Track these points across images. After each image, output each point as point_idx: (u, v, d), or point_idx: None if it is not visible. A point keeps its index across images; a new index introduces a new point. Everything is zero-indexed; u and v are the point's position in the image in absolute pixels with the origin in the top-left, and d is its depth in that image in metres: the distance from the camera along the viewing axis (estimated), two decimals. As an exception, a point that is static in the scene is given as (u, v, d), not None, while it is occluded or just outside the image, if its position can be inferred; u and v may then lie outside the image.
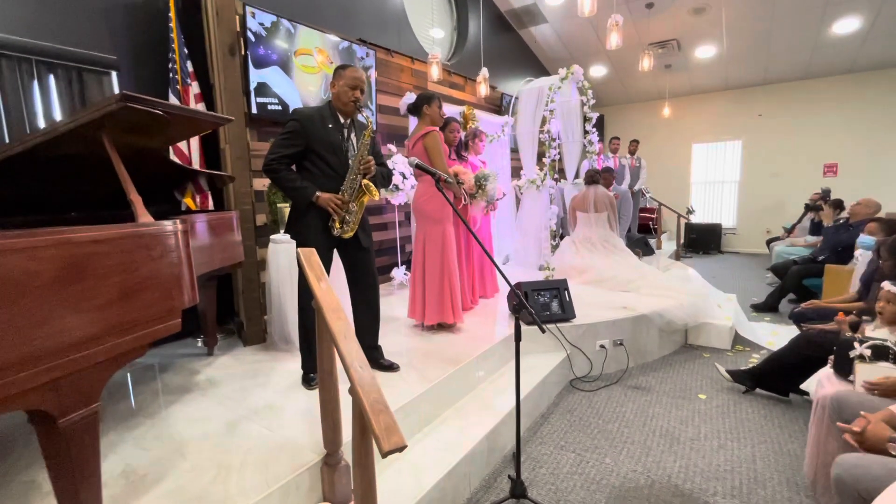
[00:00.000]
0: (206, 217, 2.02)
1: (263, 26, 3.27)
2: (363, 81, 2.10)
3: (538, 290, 3.13)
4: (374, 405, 1.15)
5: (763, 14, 6.10)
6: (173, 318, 1.32)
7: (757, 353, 3.41)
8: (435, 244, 2.87)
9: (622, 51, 6.94)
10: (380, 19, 4.67)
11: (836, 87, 7.44)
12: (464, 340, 2.80)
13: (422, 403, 2.08)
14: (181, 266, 1.35)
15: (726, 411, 2.57)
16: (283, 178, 2.04)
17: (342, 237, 2.11)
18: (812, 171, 7.79)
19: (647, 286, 3.80)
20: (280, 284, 2.78)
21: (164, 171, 2.14)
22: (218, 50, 2.60)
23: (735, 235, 8.58)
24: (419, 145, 2.77)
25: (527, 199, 4.40)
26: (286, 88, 3.47)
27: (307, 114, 2.07)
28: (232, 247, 2.34)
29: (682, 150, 8.95)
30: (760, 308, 4.47)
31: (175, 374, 2.46)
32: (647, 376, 3.09)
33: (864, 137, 7.35)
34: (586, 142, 5.04)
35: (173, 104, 1.41)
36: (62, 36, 2.47)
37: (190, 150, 2.82)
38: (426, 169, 1.95)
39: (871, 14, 5.85)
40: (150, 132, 1.57)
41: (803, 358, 2.48)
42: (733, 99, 8.31)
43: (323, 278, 1.51)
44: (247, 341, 2.85)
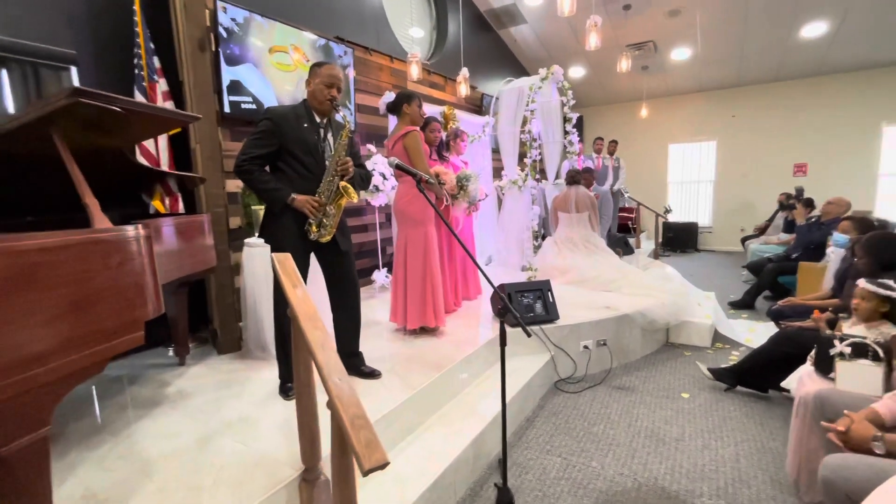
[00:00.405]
0: (173, 221, 1.92)
1: (236, 22, 3.15)
2: (340, 79, 2.02)
3: (521, 292, 3.10)
4: (354, 420, 1.08)
5: (736, 17, 6.24)
6: (135, 331, 1.23)
7: (736, 350, 3.46)
8: (417, 246, 2.81)
9: (600, 52, 7.00)
10: (358, 17, 4.58)
11: (805, 89, 7.67)
12: (447, 344, 2.74)
13: (405, 411, 2.01)
14: (144, 274, 1.26)
15: (709, 410, 2.58)
16: (255, 180, 1.94)
17: (319, 241, 2.03)
18: (783, 170, 8.02)
19: (628, 286, 3.82)
20: (255, 290, 2.67)
21: (128, 172, 2.02)
22: (187, 45, 2.48)
23: (711, 234, 8.77)
24: (399, 145, 2.70)
25: (508, 199, 4.38)
26: (260, 87, 3.36)
27: (281, 112, 1.99)
28: (203, 251, 2.23)
29: (659, 151, 9.10)
30: (738, 305, 4.55)
31: (143, 386, 2.33)
32: (630, 376, 3.09)
33: (831, 138, 7.60)
34: (566, 142, 5.05)
35: (133, 100, 1.31)
36: (16, 28, 2.31)
37: (158, 149, 2.68)
38: (407, 170, 1.89)
39: (837, 19, 6.05)
40: (109, 130, 1.47)
41: (782, 355, 2.51)
42: (708, 100, 8.49)
43: (299, 285, 1.43)
44: (221, 350, 2.73)
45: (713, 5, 6.03)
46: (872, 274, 2.19)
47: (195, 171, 2.69)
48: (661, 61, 7.57)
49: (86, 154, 1.45)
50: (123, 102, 1.25)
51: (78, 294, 1.06)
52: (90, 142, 1.55)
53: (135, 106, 1.30)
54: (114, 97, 1.21)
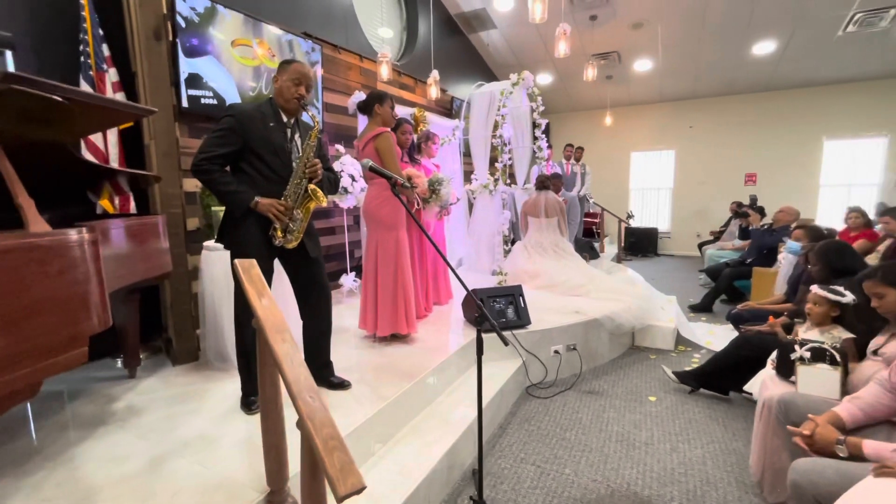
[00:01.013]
0: (123, 222, 1.76)
1: (196, 11, 2.97)
2: (309, 77, 1.93)
3: (494, 297, 3.08)
4: (327, 441, 1.01)
5: (693, 33, 6.52)
6: (77, 347, 1.10)
7: (697, 352, 3.58)
8: (388, 251, 2.73)
9: (567, 60, 7.16)
10: (326, 14, 4.44)
11: (755, 103, 8.13)
12: (419, 352, 2.68)
13: (376, 424, 1.93)
14: (88, 283, 1.13)
15: (675, 413, 2.64)
16: (215, 181, 1.81)
17: (285, 247, 1.92)
18: (735, 180, 8.46)
19: (596, 290, 3.88)
20: (215, 296, 2.51)
21: (73, 168, 1.84)
22: (140, 33, 2.31)
23: (669, 239, 9.12)
24: (370, 146, 2.62)
25: (479, 203, 4.37)
26: (222, 81, 3.19)
27: (245, 110, 1.87)
28: (157, 255, 2.07)
29: (622, 158, 9.40)
30: (697, 308, 4.73)
31: (88, 403, 2.13)
32: (599, 380, 3.13)
33: (778, 150, 8.08)
34: (535, 147, 5.11)
35: (78, 89, 1.18)
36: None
37: (107, 144, 2.48)
38: (381, 172, 1.82)
39: (784, 38, 6.44)
40: (48, 122, 1.32)
41: (743, 359, 2.60)
42: (668, 111, 8.85)
43: (265, 294, 1.33)
44: (176, 360, 2.55)
45: (673, 20, 6.27)
46: (825, 280, 2.31)
47: (149, 168, 2.51)
48: (624, 71, 7.81)
49: (21, 148, 1.30)
50: (66, 91, 1.12)
51: (10, 307, 0.93)
52: (26, 134, 1.39)
53: (80, 96, 1.17)
54: (55, 85, 1.09)
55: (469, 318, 3.19)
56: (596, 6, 6.09)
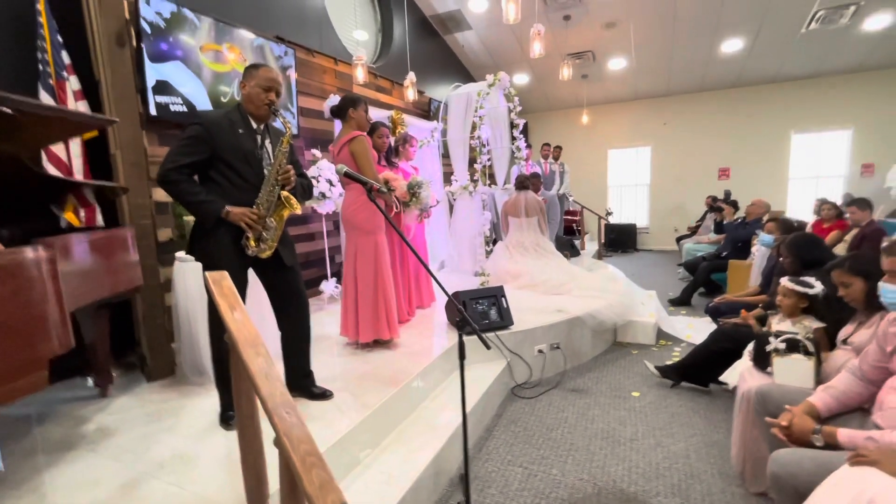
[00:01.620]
0: (87, 236, 1.69)
1: (161, 16, 2.89)
2: (278, 83, 1.88)
3: (476, 299, 3.07)
4: (305, 458, 0.98)
5: (665, 32, 6.65)
6: (36, 371, 1.04)
7: (678, 346, 3.63)
8: (367, 256, 2.69)
9: (543, 60, 7.21)
10: (298, 17, 4.38)
11: (726, 99, 8.34)
12: (402, 357, 2.65)
13: (360, 434, 1.90)
14: (45, 304, 1.08)
15: (658, 407, 2.67)
16: (183, 191, 1.75)
17: (259, 256, 1.87)
18: (709, 174, 8.65)
19: (577, 288, 3.91)
20: (190, 308, 2.44)
21: (34, 181, 1.76)
22: (102, 40, 2.22)
23: (648, 234, 9.28)
24: (345, 151, 2.58)
25: (460, 205, 4.36)
26: (192, 87, 3.10)
27: (213, 118, 1.81)
28: (126, 269, 2.00)
29: (600, 156, 9.52)
30: (676, 302, 4.82)
31: (56, 425, 2.04)
32: (583, 378, 3.15)
33: (749, 145, 8.30)
34: (514, 148, 5.13)
35: (27, 100, 1.12)
36: None
37: (69, 155, 2.38)
38: (356, 178, 1.79)
39: (751, 36, 6.62)
40: (5, 135, 1.25)
41: (721, 351, 2.65)
42: (643, 108, 9.00)
43: (237, 307, 1.29)
44: (151, 376, 2.47)
45: (645, 19, 6.39)
46: (796, 272, 2.37)
47: (115, 178, 2.42)
48: (599, 70, 7.92)
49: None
50: (15, 102, 1.07)
51: (-44, 334, 0.87)
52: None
53: (30, 107, 1.11)
54: (3, 96, 1.03)
55: (453, 321, 3.17)
56: (569, 6, 6.16)
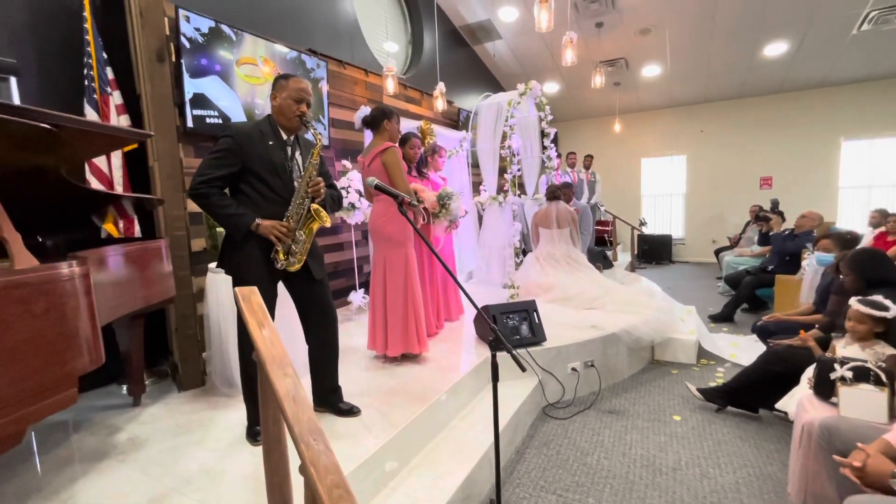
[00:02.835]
0: (123, 249, 1.71)
1: (200, 32, 2.96)
2: (309, 93, 1.87)
3: (507, 313, 2.97)
4: (332, 490, 0.92)
5: (703, 37, 6.42)
6: (66, 389, 1.03)
7: (721, 366, 3.42)
8: (396, 268, 2.65)
9: (574, 68, 7.08)
10: (331, 30, 4.44)
11: (768, 105, 7.97)
12: (431, 372, 2.58)
13: (387, 454, 1.83)
14: (77, 320, 1.07)
15: (703, 433, 2.50)
16: (213, 204, 1.74)
17: (287, 269, 1.85)
18: (750, 184, 8.27)
19: (612, 302, 3.75)
20: (221, 319, 2.45)
21: (76, 194, 1.80)
22: (143, 56, 2.29)
23: (684, 245, 8.93)
24: (377, 162, 2.56)
25: (489, 215, 4.29)
26: (228, 100, 3.17)
27: (243, 129, 1.81)
28: (160, 281, 2.02)
29: (632, 165, 9.26)
30: (718, 318, 4.56)
31: (90, 434, 2.07)
32: (619, 398, 2.99)
33: (794, 153, 7.89)
34: (545, 157, 5.02)
35: (67, 116, 1.13)
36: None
37: (111, 167, 2.45)
38: (387, 191, 1.74)
39: (797, 39, 6.31)
40: (42, 148, 1.27)
41: (773, 374, 2.46)
42: (678, 116, 8.72)
43: (266, 324, 1.26)
44: (182, 386, 2.49)
45: (682, 24, 6.19)
46: (859, 291, 2.18)
47: (153, 190, 2.47)
48: (632, 78, 7.73)
49: (18, 176, 1.26)
50: (56, 118, 1.07)
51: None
52: (17, 162, 1.35)
53: (71, 122, 1.12)
54: (43, 112, 1.03)
55: (482, 336, 3.09)
56: (601, 13, 6.04)
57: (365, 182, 1.83)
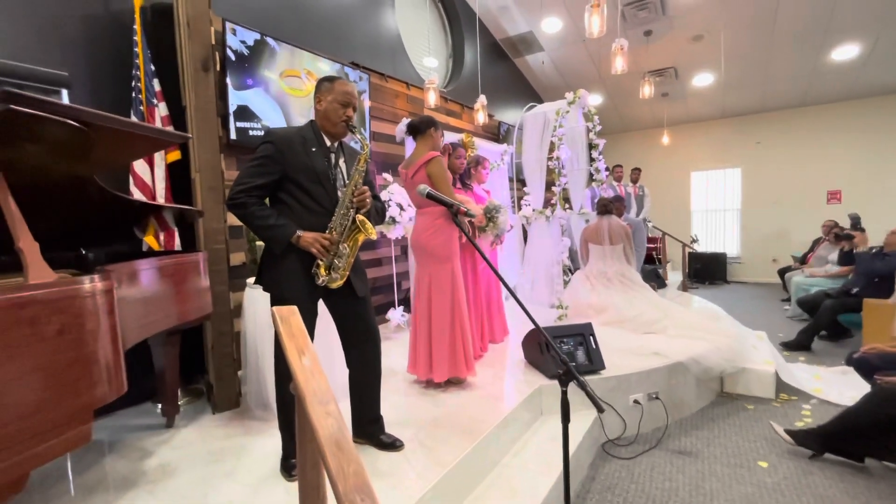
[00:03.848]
0: (156, 262, 1.60)
1: (245, 44, 2.95)
2: (356, 97, 1.73)
3: (560, 337, 2.71)
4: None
5: (762, 42, 6.03)
6: (78, 425, 0.88)
7: (806, 402, 3.00)
8: (442, 285, 2.46)
9: (619, 79, 6.82)
10: (373, 44, 4.42)
11: (835, 113, 7.38)
12: (479, 401, 2.35)
13: (434, 499, 1.61)
14: (96, 343, 0.92)
15: (798, 485, 2.13)
16: (252, 215, 1.61)
17: (329, 286, 1.69)
18: (815, 198, 7.63)
19: (673, 326, 3.41)
20: (258, 337, 2.33)
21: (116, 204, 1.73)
22: (189, 65, 2.24)
23: (740, 264, 8.31)
24: (422, 172, 2.40)
25: (535, 230, 4.05)
26: (271, 113, 3.13)
27: (285, 135, 1.68)
28: (196, 297, 1.91)
29: (681, 179, 8.79)
30: (792, 346, 4.09)
31: (122, 457, 1.96)
32: (689, 437, 2.65)
33: (865, 164, 7.23)
34: (593, 169, 4.76)
35: (103, 113, 1.01)
36: (2, 48, 2.09)
37: (154, 178, 2.41)
38: (441, 199, 1.57)
39: (870, 41, 5.80)
40: (77, 152, 1.17)
41: (887, 418, 2.07)
42: (731, 127, 8.23)
43: (306, 351, 1.08)
44: (217, 407, 2.36)
45: (738, 30, 5.83)
46: None
47: (195, 202, 2.41)
48: (681, 87, 7.36)
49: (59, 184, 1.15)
50: (84, 115, 0.95)
51: (-18, 384, 0.72)
52: (58, 167, 1.26)
53: (101, 120, 1.00)
54: (70, 107, 0.91)
55: (532, 360, 2.84)
56: (651, 21, 5.78)
57: (416, 191, 1.66)
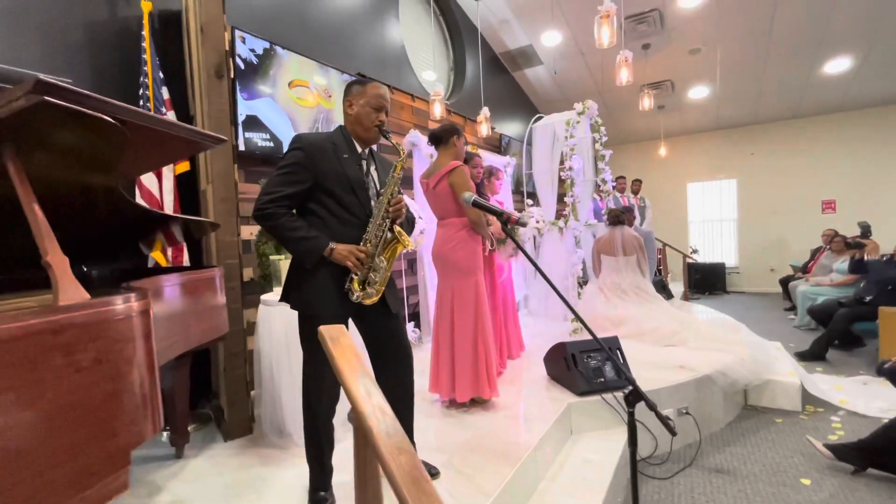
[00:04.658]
0: (179, 278, 1.47)
1: (255, 53, 2.86)
2: (388, 100, 1.64)
3: (587, 352, 2.61)
4: None
5: (757, 55, 6.13)
6: (114, 471, 0.75)
7: (834, 414, 2.93)
8: (466, 301, 2.35)
9: (616, 92, 6.88)
10: (379, 56, 4.37)
11: (827, 125, 7.52)
12: (506, 422, 2.23)
13: (483, 533, 1.48)
14: (134, 373, 0.80)
15: (846, 503, 2.04)
16: (282, 226, 1.48)
17: (363, 302, 1.57)
18: (810, 208, 7.72)
19: (694, 338, 3.33)
20: (273, 357, 2.18)
21: (126, 217, 1.59)
22: (202, 72, 2.14)
23: (739, 274, 8.34)
24: (444, 182, 2.31)
25: (547, 242, 3.98)
26: (279, 123, 3.02)
27: (315, 141, 1.57)
28: (213, 315, 1.77)
29: (678, 190, 8.86)
30: (807, 357, 4.03)
31: (129, 494, 1.77)
32: (722, 453, 2.55)
33: (858, 174, 7.36)
34: (599, 180, 4.74)
35: (131, 108, 0.90)
36: (4, 54, 1.97)
37: (162, 191, 2.28)
38: (490, 208, 1.47)
39: (861, 54, 5.94)
40: (99, 155, 1.05)
41: (934, 431, 2.00)
42: (726, 138, 8.34)
43: (365, 376, 0.96)
44: (228, 434, 2.20)
45: (734, 43, 5.92)
46: None
47: (206, 215, 2.28)
48: (677, 100, 7.45)
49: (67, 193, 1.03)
50: (120, 111, 0.84)
51: (12, 429, 0.59)
52: (73, 176, 1.13)
53: (138, 118, 0.89)
54: (104, 101, 0.80)
55: (555, 377, 2.73)
56: (649, 34, 5.85)
57: (461, 199, 1.56)
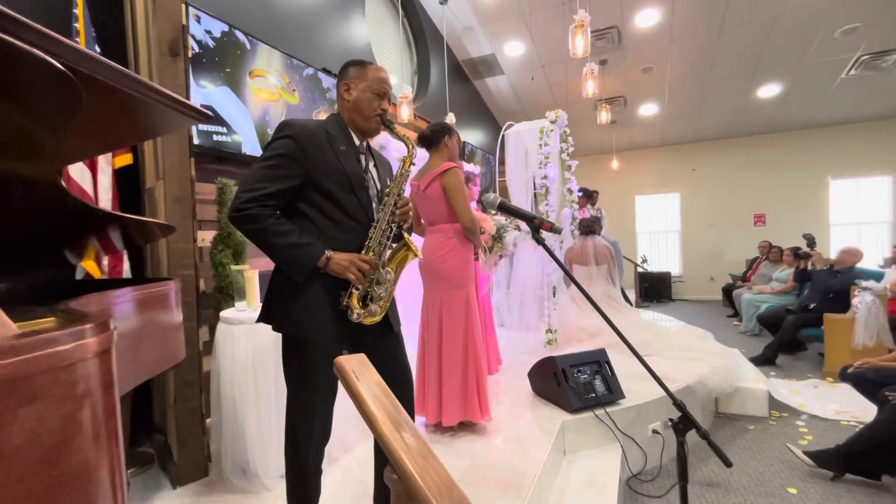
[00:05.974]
0: (132, 294, 1.16)
1: (212, 35, 2.52)
2: (391, 86, 1.44)
3: (576, 366, 2.50)
4: None
5: (701, 77, 6.53)
6: None
7: (797, 419, 3.04)
8: (456, 315, 2.16)
9: (572, 105, 7.05)
10: (344, 53, 4.11)
11: (759, 144, 8.18)
12: (502, 447, 2.05)
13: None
14: (91, 442, 0.54)
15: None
16: (268, 231, 1.21)
17: (363, 322, 1.33)
18: (744, 221, 8.33)
19: (668, 348, 3.36)
20: (236, 384, 1.87)
21: (47, 214, 1.25)
22: (154, 48, 1.81)
23: (683, 283, 8.80)
24: (436, 185, 2.12)
25: (522, 251, 3.89)
26: (238, 116, 2.70)
27: (308, 128, 1.30)
28: (169, 339, 1.44)
29: (627, 202, 9.24)
30: (759, 362, 4.23)
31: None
32: (708, 465, 2.53)
33: (784, 191, 8.05)
34: (566, 190, 4.75)
35: (94, 55, 0.64)
36: None
37: (97, 187, 1.90)
38: (518, 211, 1.29)
39: (789, 81, 6.50)
40: (29, 121, 0.75)
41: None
42: (670, 154, 8.83)
43: (402, 421, 0.75)
44: (178, 479, 1.84)
45: (682, 64, 6.27)
46: None
47: (152, 217, 1.92)
48: (629, 116, 7.78)
49: None
50: (78, 56, 0.58)
51: None
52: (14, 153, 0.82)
53: (100, 69, 0.63)
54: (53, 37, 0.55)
55: (541, 393, 2.60)
56: (608, 50, 6.04)
57: (483, 200, 1.37)
